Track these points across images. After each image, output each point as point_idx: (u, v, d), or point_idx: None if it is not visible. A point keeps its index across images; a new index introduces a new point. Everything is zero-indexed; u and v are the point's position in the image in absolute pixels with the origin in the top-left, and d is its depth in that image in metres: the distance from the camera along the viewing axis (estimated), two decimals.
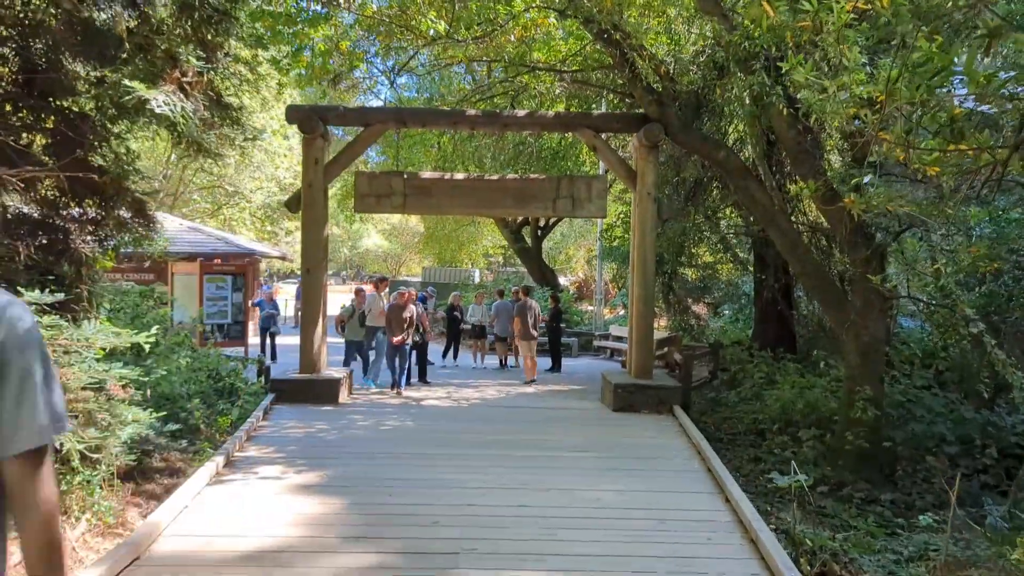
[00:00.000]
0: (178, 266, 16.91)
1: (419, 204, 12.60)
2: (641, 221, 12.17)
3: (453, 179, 12.73)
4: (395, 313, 12.90)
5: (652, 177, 12.13)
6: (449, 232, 37.91)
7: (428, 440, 9.25)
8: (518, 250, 29.38)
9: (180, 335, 13.28)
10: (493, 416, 11.12)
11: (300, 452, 8.48)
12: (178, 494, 6.51)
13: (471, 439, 9.37)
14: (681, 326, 20.49)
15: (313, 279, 12.08)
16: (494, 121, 12.39)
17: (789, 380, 14.08)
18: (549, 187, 12.64)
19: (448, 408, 11.78)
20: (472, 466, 8.01)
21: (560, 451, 8.86)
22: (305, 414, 10.73)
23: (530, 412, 11.53)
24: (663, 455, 8.82)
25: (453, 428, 10.05)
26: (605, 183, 12.95)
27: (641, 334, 12.24)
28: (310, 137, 12.01)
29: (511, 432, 9.88)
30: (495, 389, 14.03)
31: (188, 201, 41.51)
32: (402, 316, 12.84)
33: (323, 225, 12.24)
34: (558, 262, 42.57)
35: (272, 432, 9.51)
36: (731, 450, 12.00)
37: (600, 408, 12.13)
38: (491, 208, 12.98)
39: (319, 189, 12.07)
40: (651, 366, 12.43)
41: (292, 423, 10.06)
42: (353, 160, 12.86)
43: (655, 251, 12.59)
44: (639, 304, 12.23)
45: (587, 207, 12.67)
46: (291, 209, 12.48)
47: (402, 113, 12.61)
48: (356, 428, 9.90)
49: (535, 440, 9.42)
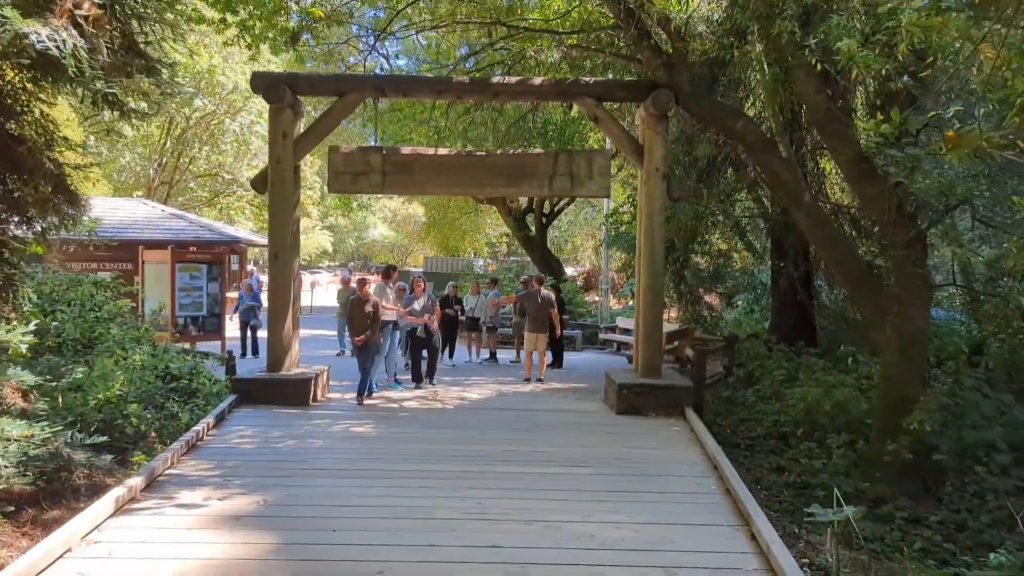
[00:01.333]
0: (149, 254, 15.65)
1: (400, 183, 11.28)
2: (649, 201, 10.82)
3: (438, 155, 11.38)
4: (355, 308, 11.21)
5: (661, 151, 10.77)
6: (452, 220, 36.60)
7: (398, 453, 7.94)
8: (522, 238, 28.06)
9: (140, 329, 12.04)
10: (479, 421, 9.81)
11: (243, 468, 7.19)
12: (64, 531, 5.20)
13: (449, 451, 8.05)
14: (693, 318, 19.12)
15: (282, 266, 10.78)
16: (484, 89, 11.05)
17: (813, 377, 12.75)
18: (545, 164, 11.29)
19: (430, 411, 10.48)
20: (444, 488, 6.69)
21: (552, 467, 7.54)
22: (266, 419, 9.46)
23: (523, 416, 10.21)
24: (673, 472, 7.48)
25: (430, 437, 8.74)
26: (608, 159, 11.59)
27: (649, 327, 10.90)
28: (277, 107, 10.70)
29: (497, 441, 8.57)
30: (487, 388, 12.72)
31: (184, 190, 40.37)
32: (363, 311, 11.12)
33: (293, 206, 10.93)
34: (565, 252, 41.21)
35: (219, 442, 8.23)
36: (750, 457, 10.69)
37: (602, 410, 10.81)
38: (480, 187, 11.64)
39: (288, 166, 10.76)
40: (659, 363, 11.09)
41: (247, 430, 8.78)
42: (327, 134, 11.54)
43: (665, 235, 11.23)
44: (647, 294, 10.89)
45: (588, 185, 11.32)
46: (257, 189, 11.19)
47: (380, 81, 11.25)
48: (318, 436, 8.60)
49: (524, 452, 8.10)
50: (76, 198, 7.49)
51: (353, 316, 11.17)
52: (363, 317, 11.07)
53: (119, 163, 37.22)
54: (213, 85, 34.39)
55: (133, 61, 6.62)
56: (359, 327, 11.06)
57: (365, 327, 11.04)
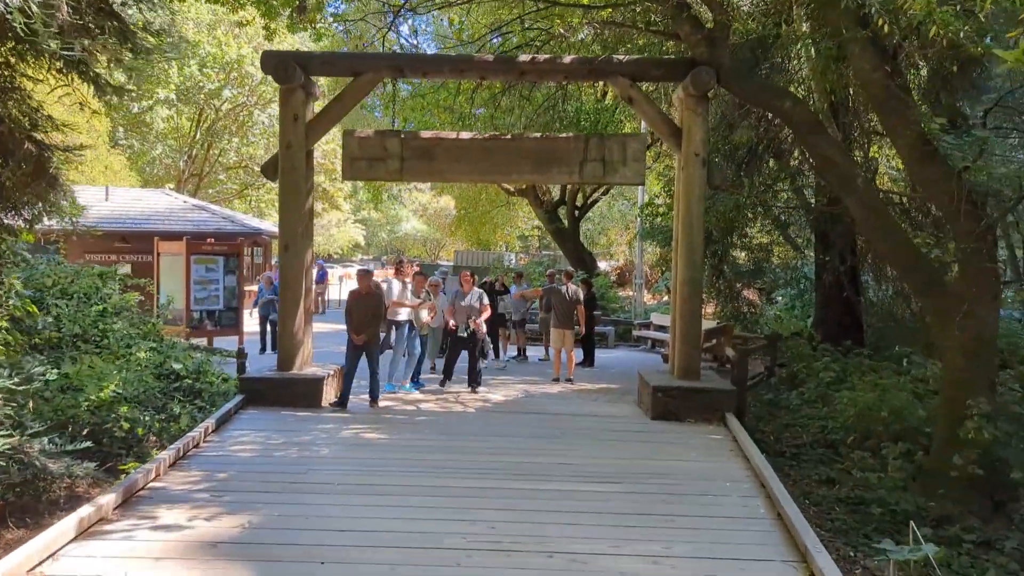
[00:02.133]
0: (164, 245, 15.09)
1: (419, 170, 10.55)
2: (687, 188, 9.98)
3: (459, 139, 10.62)
4: (355, 303, 10.09)
5: (701, 134, 9.92)
6: (483, 213, 35.93)
7: (408, 464, 7.19)
8: (553, 231, 27.34)
9: (148, 324, 11.44)
10: (500, 427, 9.04)
11: (235, 482, 6.49)
12: (9, 561, 4.49)
13: (464, 463, 7.27)
14: (732, 314, 18.19)
15: (293, 257, 10.09)
16: (509, 68, 10.26)
17: (865, 380, 11.83)
18: (575, 148, 10.48)
19: (448, 415, 9.73)
20: (454, 509, 5.93)
21: (578, 483, 6.74)
22: (272, 422, 8.78)
23: (548, 421, 9.43)
24: (715, 490, 6.65)
25: (445, 445, 7.98)
26: (643, 143, 10.75)
27: (686, 325, 10.06)
28: (287, 88, 10.01)
29: (518, 452, 7.78)
30: (513, 388, 11.96)
31: (214, 182, 40.12)
32: (365, 307, 10.03)
33: (305, 193, 10.23)
34: (600, 245, 40.35)
35: (215, 449, 7.55)
36: (796, 468, 9.81)
37: (635, 415, 10.00)
38: (505, 174, 10.85)
39: (299, 151, 10.06)
40: (698, 364, 10.25)
41: (249, 435, 8.10)
42: (342, 117, 10.82)
43: (704, 225, 10.37)
44: (684, 288, 10.05)
45: (621, 172, 10.49)
46: (268, 175, 10.52)
47: (398, 60, 10.50)
48: (324, 443, 7.89)
49: (547, 465, 7.30)
50: (57, 182, 6.81)
51: (352, 311, 10.06)
52: (364, 312, 9.99)
53: (150, 155, 37.05)
54: (242, 76, 34.05)
55: (104, 23, 5.93)
56: (358, 324, 9.95)
57: (366, 324, 9.95)
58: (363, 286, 10.14)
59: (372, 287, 10.20)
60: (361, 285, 10.16)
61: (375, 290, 10.22)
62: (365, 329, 9.94)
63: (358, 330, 9.96)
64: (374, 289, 10.22)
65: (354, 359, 10.04)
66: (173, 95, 32.78)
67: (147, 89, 32.81)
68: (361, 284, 10.18)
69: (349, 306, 10.14)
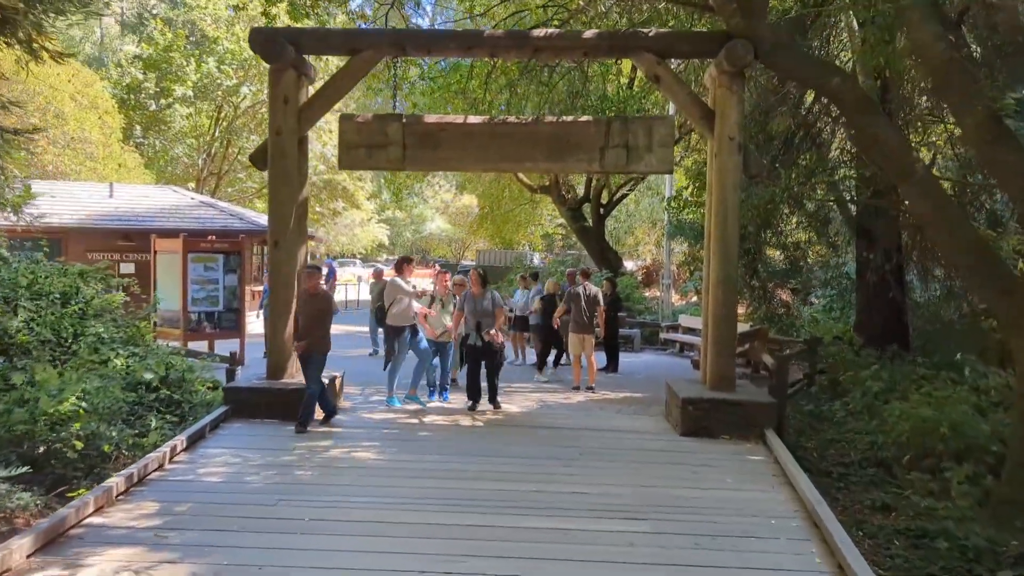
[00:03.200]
0: (161, 243, 14.23)
1: (423, 158, 9.57)
2: (721, 177, 8.90)
3: (467, 124, 9.62)
4: (302, 306, 8.77)
5: (736, 116, 8.84)
6: (505, 211, 34.93)
7: (398, 494, 6.19)
8: (577, 229, 26.32)
9: (132, 327, 10.55)
10: (511, 446, 8.00)
11: (190, 516, 5.53)
12: None
13: (462, 492, 6.25)
14: (766, 316, 17.02)
15: (283, 255, 9.14)
16: (522, 44, 9.22)
17: (921, 391, 10.70)
18: (595, 133, 9.44)
19: (456, 430, 8.73)
20: (444, 557, 4.91)
21: (595, 519, 5.70)
22: (255, 438, 7.85)
23: (565, 438, 8.39)
24: (759, 530, 5.58)
25: (446, 469, 6.96)
26: (671, 127, 9.67)
27: (720, 329, 8.98)
28: (277, 67, 9.07)
29: (528, 477, 6.75)
30: (529, 398, 10.95)
31: (234, 180, 39.46)
32: (312, 310, 8.67)
33: (298, 184, 9.29)
34: (626, 245, 39.18)
35: (182, 472, 6.61)
36: (845, 491, 8.68)
37: (663, 430, 8.95)
38: (517, 162, 9.82)
39: (291, 137, 9.12)
40: (733, 373, 9.17)
41: (224, 455, 7.16)
42: (338, 99, 9.87)
43: (739, 219, 9.29)
44: (718, 289, 8.98)
45: (646, 159, 9.44)
46: (256, 164, 9.58)
47: (400, 36, 9.50)
48: (308, 465, 6.91)
49: (560, 495, 6.26)
50: None
51: (298, 316, 8.81)
52: (311, 317, 8.64)
53: (170, 154, 36.51)
54: (261, 72, 33.28)
55: None
56: (303, 330, 8.62)
57: (311, 330, 8.59)
58: (310, 286, 8.78)
59: (320, 287, 8.91)
60: (308, 284, 8.79)
61: (323, 292, 8.95)
62: (308, 335, 8.61)
63: (300, 336, 8.65)
64: (322, 290, 8.94)
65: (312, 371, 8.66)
66: (191, 92, 32.15)
67: (165, 87, 32.27)
68: (308, 284, 8.80)
69: (296, 309, 8.94)
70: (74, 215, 18.04)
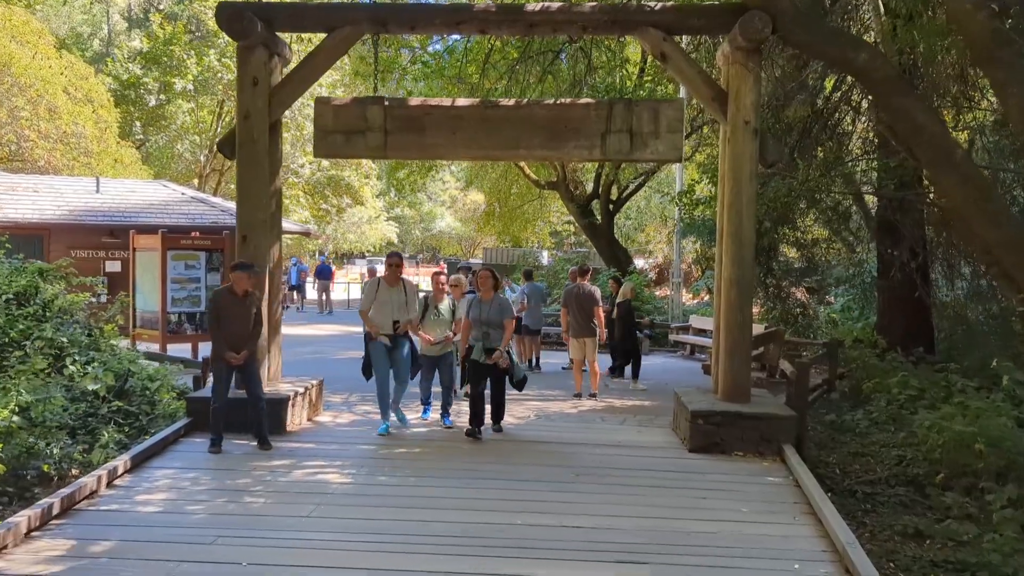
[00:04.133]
0: (140, 240, 13.44)
1: (406, 144, 8.71)
2: (735, 165, 8.02)
3: (455, 107, 8.75)
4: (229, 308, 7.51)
5: (752, 97, 7.95)
6: (513, 208, 34.09)
7: (357, 525, 5.36)
8: (586, 226, 25.47)
9: (97, 331, 9.76)
10: (501, 465, 7.14)
11: (106, 560, 4.68)
12: None
13: (434, 527, 5.34)
14: (781, 317, 16.12)
15: (252, 251, 8.30)
16: (514, 19, 8.36)
17: (952, 401, 9.81)
18: (596, 116, 8.56)
19: (440, 447, 7.85)
20: None
21: (592, 562, 4.83)
22: (212, 457, 7.03)
23: (562, 455, 7.53)
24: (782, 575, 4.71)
25: (422, 495, 6.10)
26: (680, 110, 8.76)
27: (734, 335, 8.10)
28: (245, 46, 8.24)
29: (513, 506, 5.87)
30: (526, 407, 10.10)
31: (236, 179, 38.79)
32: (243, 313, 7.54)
33: (270, 174, 8.45)
34: (636, 242, 38.27)
35: (117, 499, 5.78)
36: (873, 514, 7.79)
37: (671, 445, 8.08)
38: (510, 149, 8.92)
39: (260, 121, 8.28)
40: (748, 383, 8.29)
41: (171, 477, 6.33)
42: (314, 80, 9.02)
43: (755, 213, 8.39)
44: (731, 291, 8.09)
45: (652, 145, 8.54)
46: (224, 152, 8.76)
47: (380, 11, 8.61)
48: (262, 491, 6.06)
49: (550, 529, 5.39)
50: None
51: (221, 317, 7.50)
52: (242, 321, 7.52)
53: (172, 150, 35.90)
54: None
55: None
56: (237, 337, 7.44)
57: (246, 338, 7.52)
58: (240, 287, 7.55)
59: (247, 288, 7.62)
60: (239, 286, 7.55)
61: (255, 294, 7.79)
62: (246, 343, 7.54)
63: (237, 345, 7.43)
64: (254, 293, 7.75)
65: (228, 384, 7.55)
66: (191, 86, 31.44)
67: (165, 81, 31.60)
68: (239, 285, 7.55)
69: (217, 310, 7.56)
70: (57, 210, 17.29)
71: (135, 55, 34.16)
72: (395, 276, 8.45)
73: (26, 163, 23.52)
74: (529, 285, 13.48)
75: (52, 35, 33.28)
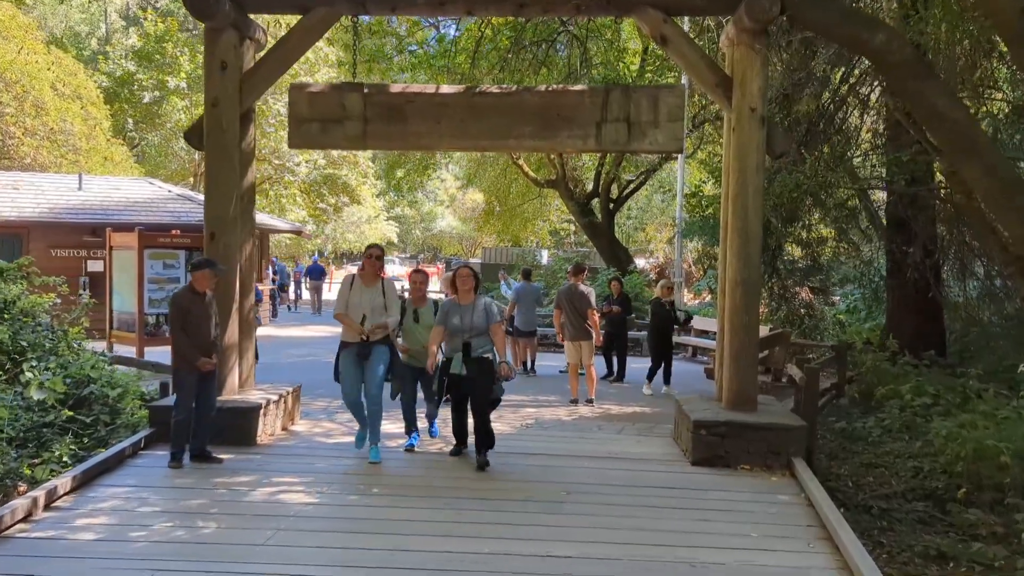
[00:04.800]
0: (117, 238, 12.86)
1: (387, 134, 8.11)
2: (740, 156, 7.43)
3: (439, 94, 8.16)
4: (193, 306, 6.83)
5: (758, 82, 7.35)
6: (512, 207, 33.56)
7: (316, 555, 4.74)
8: (586, 225, 24.93)
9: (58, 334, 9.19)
10: (482, 480, 6.56)
11: None
12: None
13: (400, 555, 4.73)
14: (786, 318, 15.51)
15: (221, 249, 7.71)
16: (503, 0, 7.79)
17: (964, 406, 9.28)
18: (591, 104, 7.96)
19: (416, 461, 7.27)
20: None
21: None
22: (167, 473, 6.43)
23: (551, 469, 6.95)
24: None
25: (382, 517, 5.51)
26: (681, 97, 8.15)
27: (740, 341, 7.50)
28: (212, 28, 7.66)
29: (495, 532, 5.25)
30: (519, 414, 9.53)
31: None
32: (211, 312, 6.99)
33: (241, 165, 7.85)
34: (636, 242, 37.69)
35: (51, 525, 5.17)
36: (890, 532, 7.20)
37: (671, 458, 7.49)
38: (499, 139, 8.29)
39: (230, 109, 7.69)
40: (755, 391, 7.70)
41: (118, 498, 5.74)
42: (288, 65, 8.45)
43: (762, 207, 7.79)
44: (736, 292, 7.50)
45: (651, 135, 7.95)
46: (192, 143, 8.18)
47: None
48: (214, 514, 5.45)
49: (531, 558, 4.77)
50: None
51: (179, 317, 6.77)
52: (209, 323, 6.92)
53: (167, 147, 35.32)
54: None
55: None
56: (206, 340, 6.82)
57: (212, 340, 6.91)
58: (203, 287, 6.89)
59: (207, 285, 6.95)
60: (200, 285, 6.88)
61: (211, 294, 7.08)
62: (214, 347, 6.97)
63: (206, 349, 6.80)
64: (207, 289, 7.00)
65: (192, 394, 6.76)
66: (184, 84, 30.86)
67: (159, 78, 31.02)
68: (201, 284, 6.88)
69: (183, 314, 6.77)
70: (37, 208, 16.71)
71: (128, 52, 33.57)
72: (373, 273, 7.24)
73: (12, 161, 22.95)
74: (522, 284, 12.90)
75: (48, 33, 32.77)
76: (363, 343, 7.00)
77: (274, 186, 36.82)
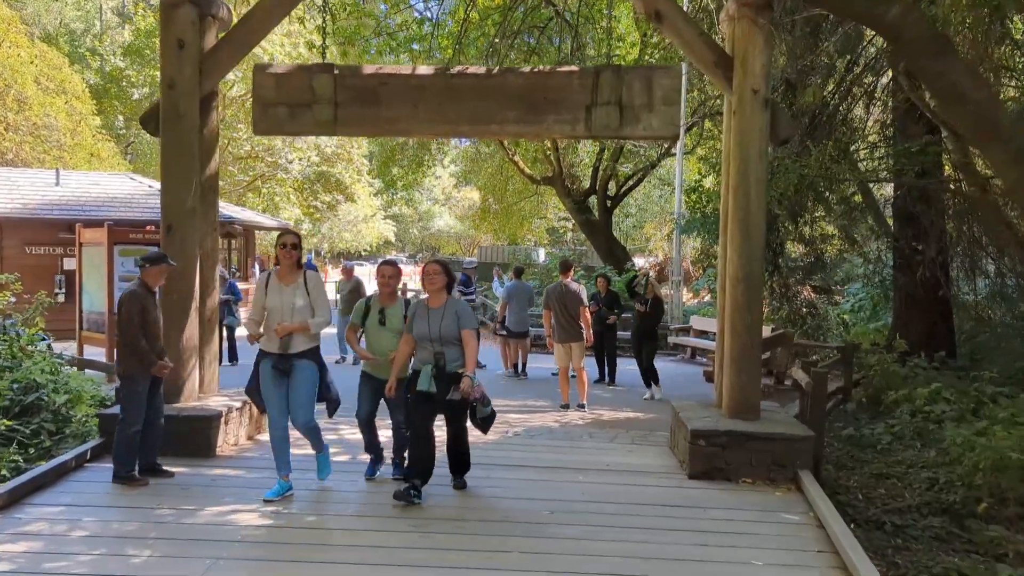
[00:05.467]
0: (87, 234, 12.24)
1: (360, 118, 7.50)
2: (741, 142, 6.82)
3: (416, 76, 7.54)
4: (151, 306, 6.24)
5: (761, 61, 6.75)
6: (508, 204, 32.95)
7: None
8: (583, 223, 24.31)
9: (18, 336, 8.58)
10: (450, 500, 5.94)
11: None
12: None
13: None
14: (789, 318, 14.93)
15: (178, 244, 7.10)
16: None
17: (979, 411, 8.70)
18: (580, 86, 7.34)
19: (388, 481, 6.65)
20: None
21: None
22: (107, 490, 5.81)
23: (535, 484, 6.34)
24: None
25: (340, 543, 4.90)
26: (677, 78, 7.54)
27: (740, 342, 6.89)
28: (169, 3, 7.05)
29: (463, 558, 4.63)
30: (506, 420, 8.93)
31: (225, 173, 37.62)
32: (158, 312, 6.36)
33: (201, 154, 7.25)
34: (635, 240, 37.10)
35: None
36: (905, 551, 6.57)
37: (667, 469, 6.89)
38: (482, 124, 7.65)
39: (189, 92, 7.09)
40: (757, 398, 7.08)
41: (46, 518, 5.12)
42: (253, 45, 7.82)
43: (765, 197, 7.17)
44: (737, 289, 6.90)
45: (645, 120, 7.33)
46: (148, 129, 7.55)
47: None
48: (147, 540, 4.81)
49: None
50: None
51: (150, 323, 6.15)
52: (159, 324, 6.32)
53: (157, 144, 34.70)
54: (252, 56, 31.32)
55: None
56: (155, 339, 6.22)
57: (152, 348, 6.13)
58: (155, 283, 6.32)
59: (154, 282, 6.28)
60: (154, 282, 6.29)
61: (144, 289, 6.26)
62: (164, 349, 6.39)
63: (160, 352, 6.26)
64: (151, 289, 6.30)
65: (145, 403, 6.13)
66: None
67: (148, 74, 30.42)
68: (154, 281, 6.30)
69: (142, 314, 6.09)
70: (10, 204, 16.09)
71: (117, 49, 32.98)
72: (289, 268, 5.84)
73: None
74: (514, 283, 12.31)
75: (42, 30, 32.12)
76: (282, 356, 5.74)
77: (267, 183, 36.26)
